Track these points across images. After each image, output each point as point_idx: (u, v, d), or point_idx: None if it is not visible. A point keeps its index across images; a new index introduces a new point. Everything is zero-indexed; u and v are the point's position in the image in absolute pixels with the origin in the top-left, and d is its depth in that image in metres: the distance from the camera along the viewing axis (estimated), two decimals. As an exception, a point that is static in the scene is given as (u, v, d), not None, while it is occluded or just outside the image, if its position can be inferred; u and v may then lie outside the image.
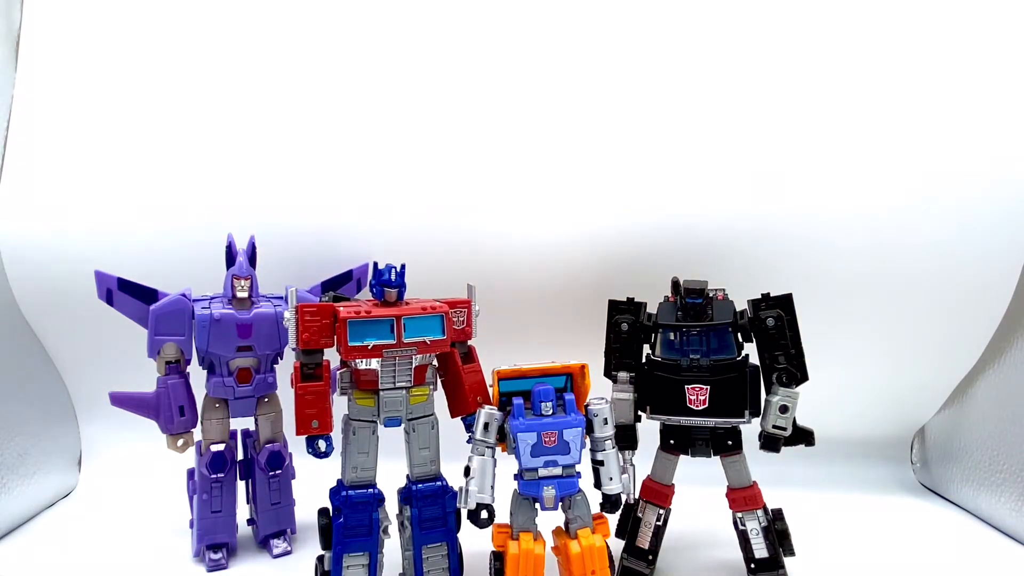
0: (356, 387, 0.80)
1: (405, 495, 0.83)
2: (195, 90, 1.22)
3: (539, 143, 1.17)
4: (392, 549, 0.84)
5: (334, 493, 0.81)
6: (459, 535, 0.84)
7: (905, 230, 1.10)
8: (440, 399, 0.86)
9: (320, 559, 0.83)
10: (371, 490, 0.81)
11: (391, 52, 1.21)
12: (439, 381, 0.86)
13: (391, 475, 0.85)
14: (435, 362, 0.86)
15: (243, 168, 1.20)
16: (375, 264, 0.81)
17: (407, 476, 0.84)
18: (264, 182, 1.19)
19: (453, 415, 0.86)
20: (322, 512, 0.82)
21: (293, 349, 0.79)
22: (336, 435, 0.81)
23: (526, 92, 1.19)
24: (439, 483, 0.83)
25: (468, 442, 0.80)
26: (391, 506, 0.84)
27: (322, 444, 0.79)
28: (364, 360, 0.78)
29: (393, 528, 0.83)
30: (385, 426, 0.81)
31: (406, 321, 0.78)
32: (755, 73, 1.15)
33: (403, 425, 0.82)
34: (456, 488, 0.80)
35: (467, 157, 1.18)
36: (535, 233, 1.15)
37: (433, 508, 0.82)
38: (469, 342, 0.87)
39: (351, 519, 0.79)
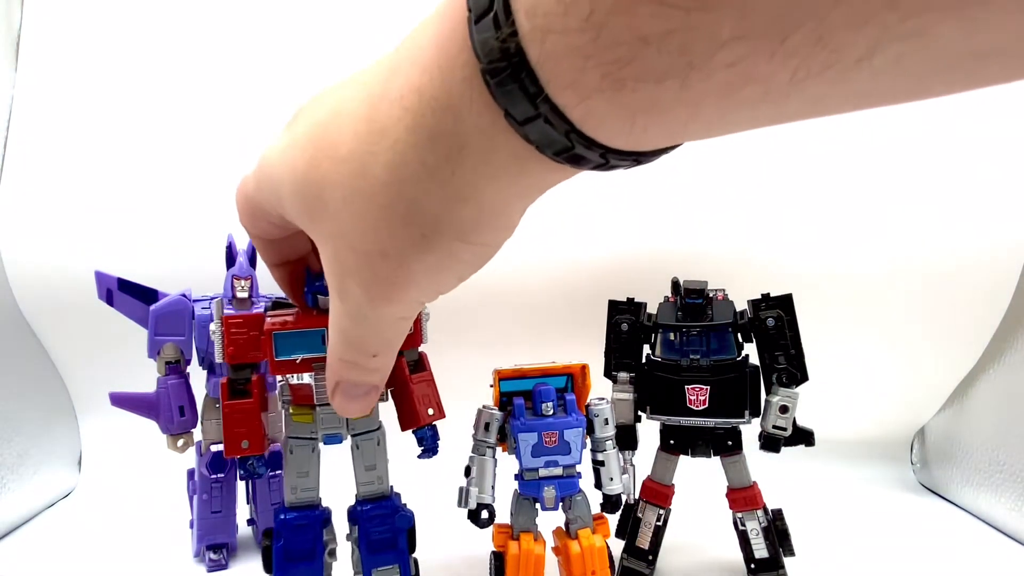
0: (293, 402, 0.74)
1: (352, 516, 0.77)
2: (195, 90, 1.22)
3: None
4: (344, 570, 0.78)
5: (276, 515, 0.75)
6: (414, 555, 0.77)
7: (905, 231, 1.10)
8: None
9: None
10: (313, 511, 0.74)
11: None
12: (388, 392, 0.75)
13: (348, 490, 0.78)
14: None
15: (243, 168, 1.20)
16: (307, 270, 0.70)
17: (355, 495, 0.78)
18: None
19: (403, 428, 0.76)
20: (266, 533, 0.75)
21: (219, 364, 0.73)
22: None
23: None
24: (388, 502, 0.76)
25: (419, 457, 0.74)
26: (341, 526, 0.78)
27: (255, 464, 0.73)
28: (295, 374, 0.72)
29: (343, 549, 0.77)
30: (324, 443, 0.74)
31: None
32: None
33: (348, 442, 0.75)
34: (406, 509, 0.75)
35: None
36: (535, 234, 1.15)
37: (382, 529, 0.75)
38: (419, 348, 0.77)
39: (291, 543, 0.73)
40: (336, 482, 0.78)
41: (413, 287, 0.50)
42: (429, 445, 0.75)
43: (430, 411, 0.73)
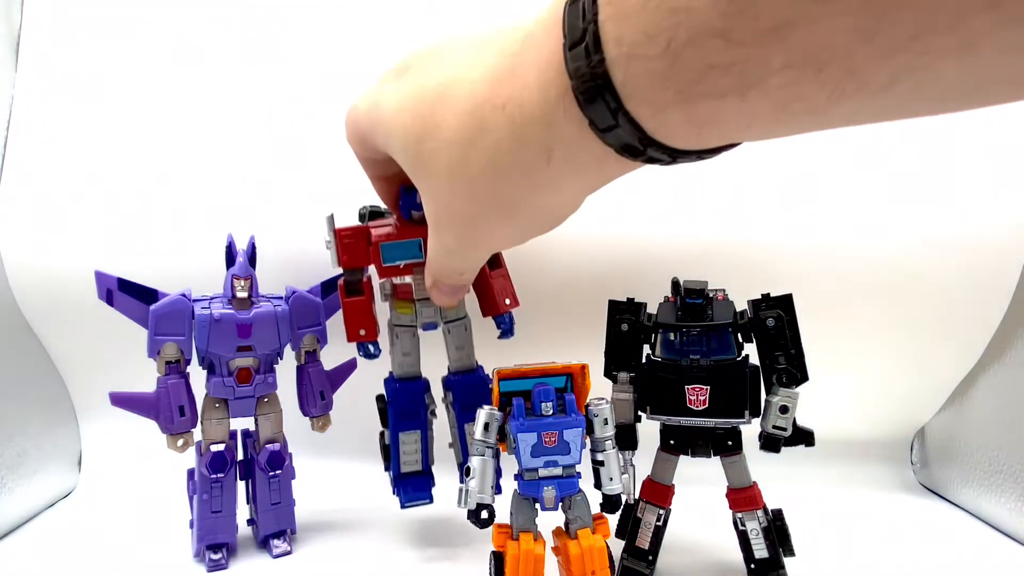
0: (396, 297, 0.92)
1: (447, 384, 0.93)
2: (195, 90, 1.22)
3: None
4: (441, 426, 0.97)
5: (387, 384, 0.95)
6: None
7: (905, 231, 1.10)
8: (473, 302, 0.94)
9: (381, 435, 0.97)
10: (416, 381, 0.94)
11: (391, 52, 1.21)
12: (471, 286, 0.93)
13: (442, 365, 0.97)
14: None
15: (243, 168, 1.20)
16: (402, 187, 0.85)
17: (448, 368, 0.96)
18: (264, 182, 1.19)
19: (484, 315, 0.94)
20: (379, 398, 0.96)
21: (336, 268, 0.90)
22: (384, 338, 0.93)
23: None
24: (474, 374, 0.95)
25: (499, 338, 0.90)
26: (438, 393, 0.97)
27: (371, 347, 0.92)
28: (398, 276, 0.89)
29: (440, 410, 0.93)
30: (424, 330, 0.93)
31: None
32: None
33: (440, 327, 0.93)
34: (488, 377, 0.88)
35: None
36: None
37: (469, 394, 0.94)
38: None
39: (400, 404, 0.94)
40: (433, 360, 0.97)
41: (494, 243, 0.70)
42: (507, 328, 0.93)
43: (507, 300, 0.92)
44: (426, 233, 0.82)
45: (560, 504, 0.77)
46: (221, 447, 0.94)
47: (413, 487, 0.95)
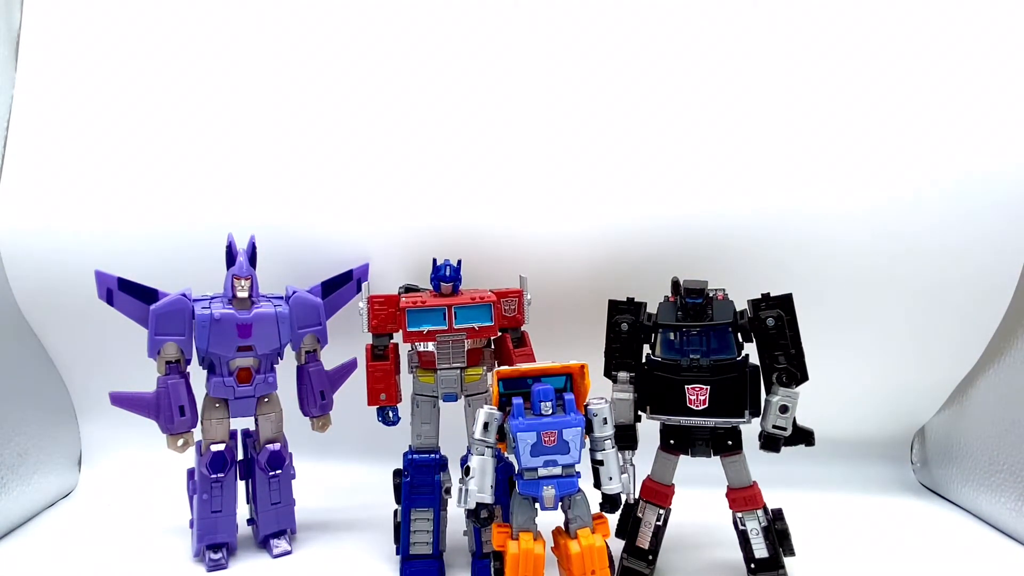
0: (420, 366, 0.91)
1: (463, 462, 0.87)
2: (195, 90, 1.22)
3: (539, 143, 1.17)
4: (456, 509, 0.86)
5: (405, 457, 0.92)
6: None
7: (905, 230, 1.10)
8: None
9: (395, 512, 0.94)
10: (434, 456, 0.91)
11: (391, 51, 1.21)
12: (495, 363, 0.94)
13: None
14: (492, 346, 0.94)
15: (243, 168, 1.20)
16: (434, 260, 0.90)
17: (467, 446, 0.90)
18: (264, 182, 1.19)
19: None
20: (396, 472, 0.92)
21: (366, 332, 0.92)
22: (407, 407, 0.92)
23: (526, 92, 1.19)
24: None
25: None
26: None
27: (391, 413, 0.91)
28: (422, 343, 0.89)
29: (455, 489, 0.87)
30: (443, 401, 0.91)
31: (457, 310, 0.88)
32: (756, 72, 1.15)
33: (461, 400, 0.91)
34: (507, 459, 0.84)
35: (466, 157, 1.18)
36: (535, 233, 1.15)
37: None
38: (522, 328, 0.95)
39: (416, 479, 0.90)
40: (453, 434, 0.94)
41: None
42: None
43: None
44: (452, 303, 0.88)
45: (560, 504, 0.77)
46: (221, 447, 0.94)
47: (421, 572, 0.89)
